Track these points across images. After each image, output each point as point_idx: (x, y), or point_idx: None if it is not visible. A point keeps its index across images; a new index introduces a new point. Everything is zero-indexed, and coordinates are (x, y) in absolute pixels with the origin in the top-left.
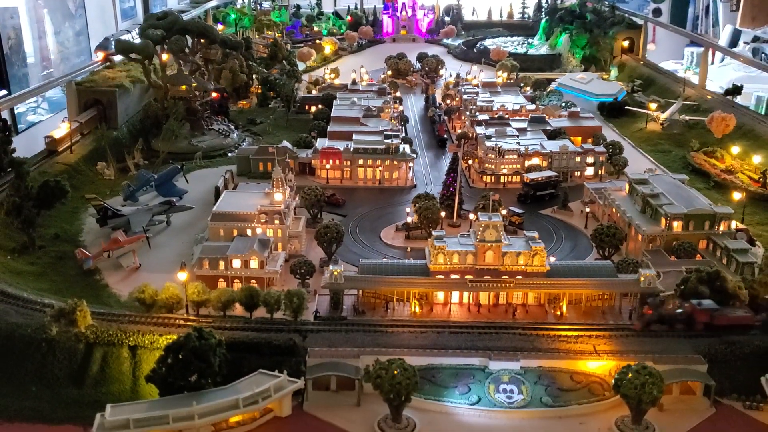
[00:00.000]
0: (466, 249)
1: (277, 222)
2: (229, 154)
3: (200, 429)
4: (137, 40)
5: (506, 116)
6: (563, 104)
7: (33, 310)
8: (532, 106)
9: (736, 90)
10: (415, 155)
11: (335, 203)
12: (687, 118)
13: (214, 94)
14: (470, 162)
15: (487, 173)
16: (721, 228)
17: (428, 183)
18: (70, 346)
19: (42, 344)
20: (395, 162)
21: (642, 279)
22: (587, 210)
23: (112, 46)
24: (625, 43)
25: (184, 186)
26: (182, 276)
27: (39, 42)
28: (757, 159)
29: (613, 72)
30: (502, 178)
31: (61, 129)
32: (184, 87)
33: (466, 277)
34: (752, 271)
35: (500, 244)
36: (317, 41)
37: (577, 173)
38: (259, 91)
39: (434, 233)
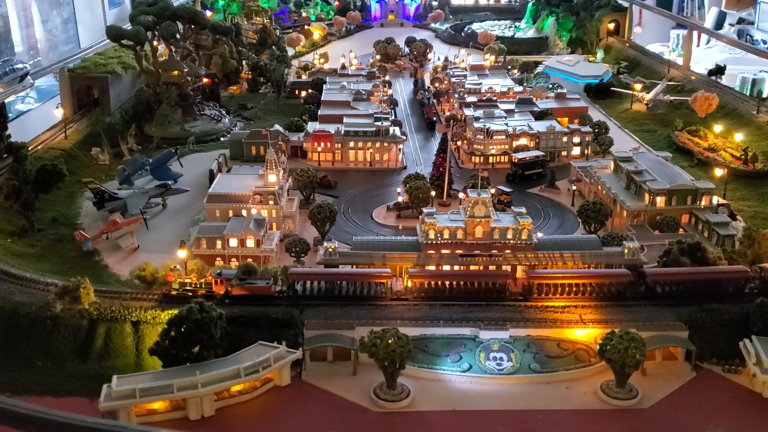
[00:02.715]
0: (456, 225)
1: (271, 202)
2: (222, 139)
3: (203, 398)
4: None
5: (494, 98)
6: (550, 86)
7: (36, 289)
8: (520, 88)
9: (719, 70)
10: (404, 137)
11: (327, 185)
12: (671, 98)
13: (205, 80)
14: (459, 143)
15: (475, 154)
16: (703, 203)
17: (418, 164)
18: (74, 322)
19: (47, 321)
20: (385, 144)
21: (626, 251)
22: (574, 188)
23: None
24: (611, 26)
25: (178, 170)
26: (182, 254)
27: (26, 30)
28: (739, 137)
29: (599, 54)
30: (490, 158)
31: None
32: (176, 72)
33: (457, 251)
34: (732, 243)
35: (489, 220)
36: (305, 27)
37: (564, 153)
38: (249, 76)
39: (425, 210)
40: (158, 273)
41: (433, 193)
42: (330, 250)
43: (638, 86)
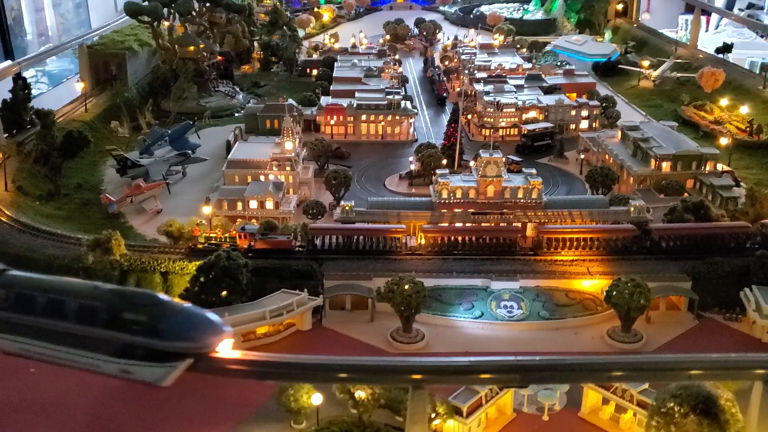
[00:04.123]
0: (468, 184)
1: (288, 168)
2: (236, 114)
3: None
4: None
5: (504, 75)
6: (558, 64)
7: (68, 243)
8: (529, 66)
9: (726, 48)
10: (416, 111)
11: (340, 156)
12: (678, 75)
13: (219, 58)
14: (469, 117)
15: (486, 127)
16: (707, 168)
17: (429, 138)
18: (105, 273)
19: (79, 273)
20: (397, 117)
21: (632, 209)
22: (582, 157)
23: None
24: (619, 7)
25: (196, 141)
26: (207, 209)
27: (39, 14)
28: (744, 110)
29: (607, 35)
30: (500, 131)
31: None
32: (192, 48)
33: (469, 210)
34: (735, 205)
35: (501, 179)
36: (315, 9)
37: (573, 126)
38: (261, 56)
39: (438, 171)
40: (184, 229)
41: (444, 162)
42: (347, 208)
43: (646, 63)
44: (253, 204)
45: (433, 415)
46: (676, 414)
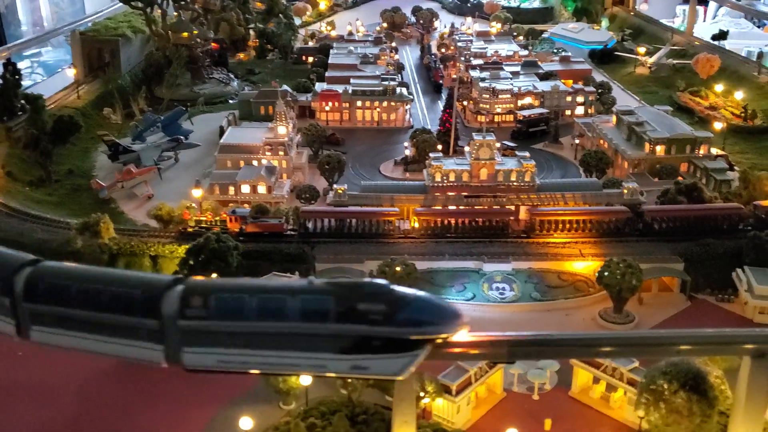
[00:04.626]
0: (461, 167)
1: (281, 153)
2: (230, 101)
3: None
4: None
5: (500, 61)
6: (555, 51)
7: (57, 227)
8: (525, 53)
9: (722, 35)
10: (411, 97)
11: (335, 142)
12: (674, 62)
13: (213, 45)
14: (465, 103)
15: (481, 113)
16: (701, 151)
17: (425, 125)
18: (95, 256)
19: (68, 257)
20: (393, 103)
21: (625, 192)
22: (577, 142)
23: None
24: None
25: (189, 127)
26: (197, 193)
27: (33, 4)
28: (739, 95)
29: (604, 23)
30: (496, 117)
31: None
32: (185, 34)
33: (462, 193)
34: (729, 188)
35: (494, 162)
36: None
37: (568, 112)
38: (257, 44)
39: (431, 155)
40: (174, 212)
41: (439, 147)
42: (340, 191)
43: (642, 49)
44: (245, 188)
45: (422, 394)
46: (665, 391)
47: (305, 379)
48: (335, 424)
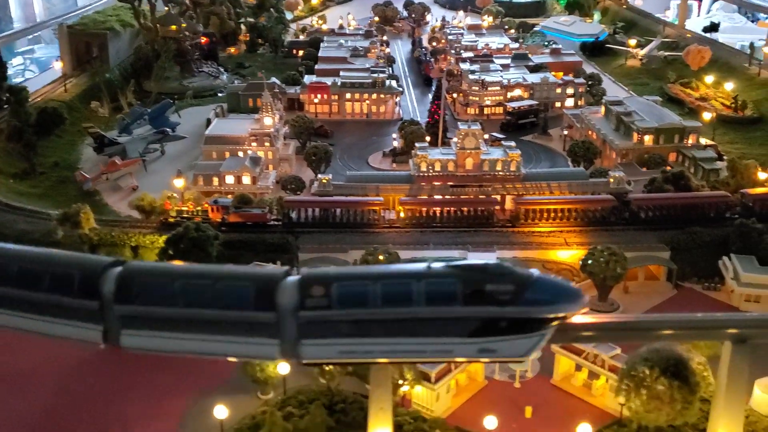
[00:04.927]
0: (447, 157)
1: (267, 144)
2: (219, 94)
3: None
4: None
5: (490, 54)
6: (546, 44)
7: (38, 218)
8: (516, 45)
9: (713, 27)
10: (401, 89)
11: (323, 134)
12: (666, 54)
13: (203, 39)
14: (455, 96)
15: (471, 105)
16: (690, 141)
17: (415, 117)
18: (75, 247)
19: (49, 247)
20: (382, 96)
21: (612, 180)
22: (565, 133)
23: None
24: None
25: (176, 120)
26: (179, 182)
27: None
28: (729, 86)
29: (596, 16)
30: (485, 109)
31: None
32: (174, 27)
33: (448, 183)
34: (717, 177)
35: (479, 151)
36: None
37: (558, 104)
38: (248, 38)
39: (417, 144)
40: (156, 203)
41: (428, 139)
42: (324, 181)
43: (633, 41)
44: (230, 179)
45: (400, 381)
46: (646, 377)
47: (283, 368)
48: (312, 412)
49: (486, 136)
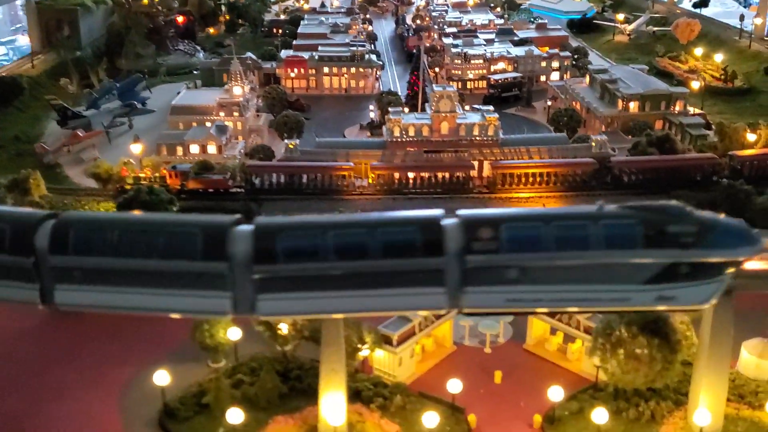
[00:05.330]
0: (422, 122)
1: (236, 114)
2: (195, 72)
3: None
4: None
5: (474, 29)
6: (532, 20)
7: None
8: (501, 21)
9: (703, 2)
10: (381, 63)
11: (299, 108)
12: (655, 29)
13: (180, 18)
14: (437, 70)
15: (453, 79)
16: (677, 108)
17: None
18: None
19: None
20: (361, 69)
21: (593, 144)
22: (549, 104)
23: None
24: None
25: (146, 95)
26: (136, 148)
27: None
28: (719, 58)
29: None
30: (468, 83)
31: None
32: (146, 2)
33: (423, 149)
34: (705, 142)
35: (455, 114)
36: None
37: (543, 77)
38: (228, 18)
39: (391, 109)
40: (113, 171)
41: (406, 110)
42: (291, 146)
43: (620, 16)
44: (195, 148)
45: (360, 345)
46: (623, 335)
47: (234, 334)
48: (262, 378)
49: (467, 108)
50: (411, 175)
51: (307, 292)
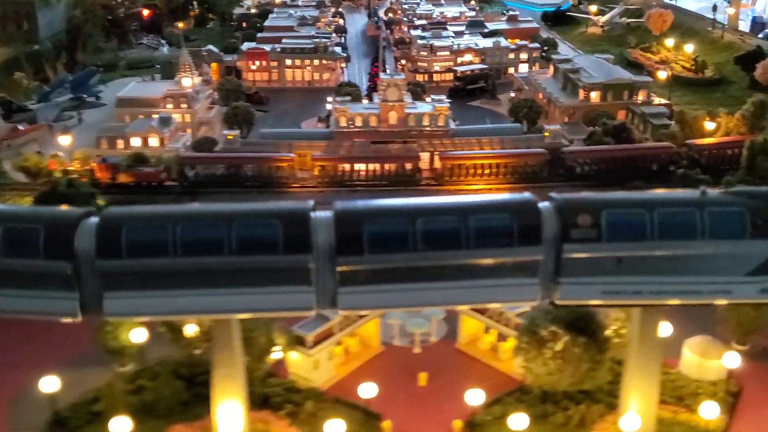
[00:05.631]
0: (369, 111)
1: (184, 106)
2: (157, 66)
3: None
4: None
5: (444, 21)
6: (504, 12)
7: None
8: (473, 13)
9: None
10: (345, 55)
11: (258, 101)
12: (628, 20)
13: (146, 11)
14: (403, 62)
15: (419, 71)
16: (640, 97)
17: (361, 86)
18: None
19: None
20: (324, 61)
21: (547, 134)
22: (512, 95)
23: None
24: None
25: (100, 89)
26: (65, 140)
27: None
28: (690, 48)
29: None
30: (435, 76)
31: None
32: None
33: (370, 140)
34: (664, 132)
35: (403, 104)
36: None
37: (512, 70)
38: (198, 12)
39: (338, 98)
40: (42, 163)
41: (365, 101)
42: (230, 137)
43: (593, 8)
44: (136, 141)
45: (274, 348)
46: (547, 333)
47: (138, 336)
48: (159, 384)
49: (447, 104)
50: (359, 166)
51: (394, 284)
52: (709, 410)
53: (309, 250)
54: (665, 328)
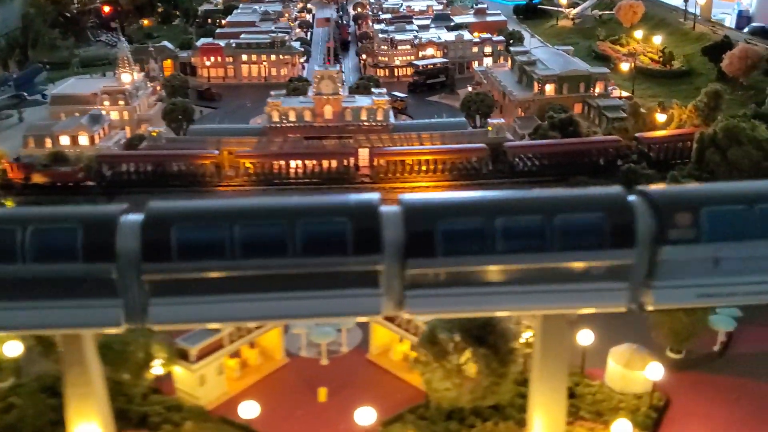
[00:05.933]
0: (303, 105)
1: (121, 103)
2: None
3: None
4: None
5: (410, 15)
6: (473, 6)
7: None
8: (440, 7)
9: None
10: (303, 50)
11: (209, 98)
12: (599, 13)
13: (107, 8)
14: (364, 57)
15: (380, 66)
16: (597, 90)
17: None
18: None
19: None
20: (281, 57)
21: (490, 129)
22: (470, 89)
23: None
24: None
25: (46, 87)
26: None
27: None
28: (658, 40)
29: None
30: (396, 70)
31: None
32: None
33: (303, 136)
34: (615, 126)
35: (339, 98)
36: None
37: (476, 64)
38: (163, 9)
39: (272, 92)
40: None
41: None
42: (154, 134)
43: (564, 1)
44: (65, 140)
45: (153, 363)
46: (446, 345)
47: (13, 348)
48: (24, 402)
49: (386, 98)
50: (294, 164)
51: (466, 287)
52: (622, 429)
53: (379, 249)
54: (586, 337)
